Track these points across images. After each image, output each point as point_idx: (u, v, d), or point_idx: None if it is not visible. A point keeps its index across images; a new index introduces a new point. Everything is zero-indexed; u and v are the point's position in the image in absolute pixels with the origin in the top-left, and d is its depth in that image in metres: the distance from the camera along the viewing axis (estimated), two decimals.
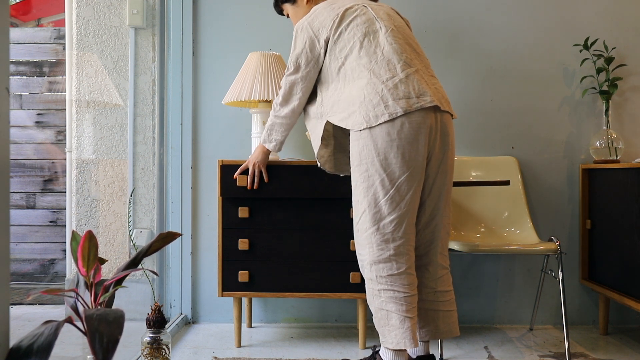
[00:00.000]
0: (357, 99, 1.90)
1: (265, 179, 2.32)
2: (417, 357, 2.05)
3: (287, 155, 2.81)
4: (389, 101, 1.85)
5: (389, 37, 1.96)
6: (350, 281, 2.37)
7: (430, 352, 2.08)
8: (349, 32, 1.99)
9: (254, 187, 2.32)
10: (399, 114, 1.84)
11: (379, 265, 1.88)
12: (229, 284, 2.38)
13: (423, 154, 1.90)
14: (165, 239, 1.45)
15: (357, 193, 1.94)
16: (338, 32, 2.01)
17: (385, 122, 1.85)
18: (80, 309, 1.32)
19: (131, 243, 2.72)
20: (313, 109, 2.13)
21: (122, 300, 2.67)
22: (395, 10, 2.15)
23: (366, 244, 1.91)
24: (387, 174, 1.87)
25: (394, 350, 1.89)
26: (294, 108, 2.14)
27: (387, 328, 1.88)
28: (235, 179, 2.34)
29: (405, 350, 1.92)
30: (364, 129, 1.88)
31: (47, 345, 1.05)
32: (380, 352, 1.96)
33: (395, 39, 1.97)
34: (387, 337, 1.89)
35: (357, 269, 2.23)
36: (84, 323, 1.13)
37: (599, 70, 2.73)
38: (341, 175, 2.23)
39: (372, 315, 1.96)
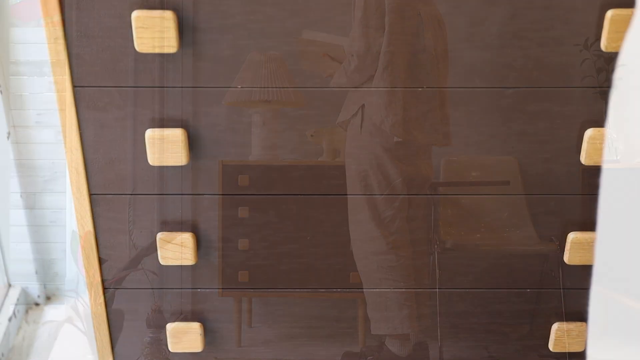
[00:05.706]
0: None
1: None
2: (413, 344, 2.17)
3: (287, 155, 2.81)
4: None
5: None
6: (350, 281, 2.37)
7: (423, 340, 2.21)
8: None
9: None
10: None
11: (379, 256, 2.08)
12: (229, 284, 2.38)
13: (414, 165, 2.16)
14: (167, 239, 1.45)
15: (355, 188, 2.14)
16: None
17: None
18: (80, 309, 1.32)
19: (131, 243, 2.72)
20: None
21: (122, 300, 2.67)
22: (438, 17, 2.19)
23: (367, 237, 2.11)
24: (384, 176, 2.09)
25: (400, 339, 2.06)
26: None
27: (384, 314, 2.06)
28: (236, 179, 2.36)
29: (409, 339, 2.08)
30: (370, 129, 2.05)
31: (47, 345, 1.05)
32: (386, 342, 2.10)
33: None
34: (382, 323, 2.07)
35: (356, 269, 2.24)
36: (84, 323, 1.13)
37: (599, 71, 2.73)
38: None
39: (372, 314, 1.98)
